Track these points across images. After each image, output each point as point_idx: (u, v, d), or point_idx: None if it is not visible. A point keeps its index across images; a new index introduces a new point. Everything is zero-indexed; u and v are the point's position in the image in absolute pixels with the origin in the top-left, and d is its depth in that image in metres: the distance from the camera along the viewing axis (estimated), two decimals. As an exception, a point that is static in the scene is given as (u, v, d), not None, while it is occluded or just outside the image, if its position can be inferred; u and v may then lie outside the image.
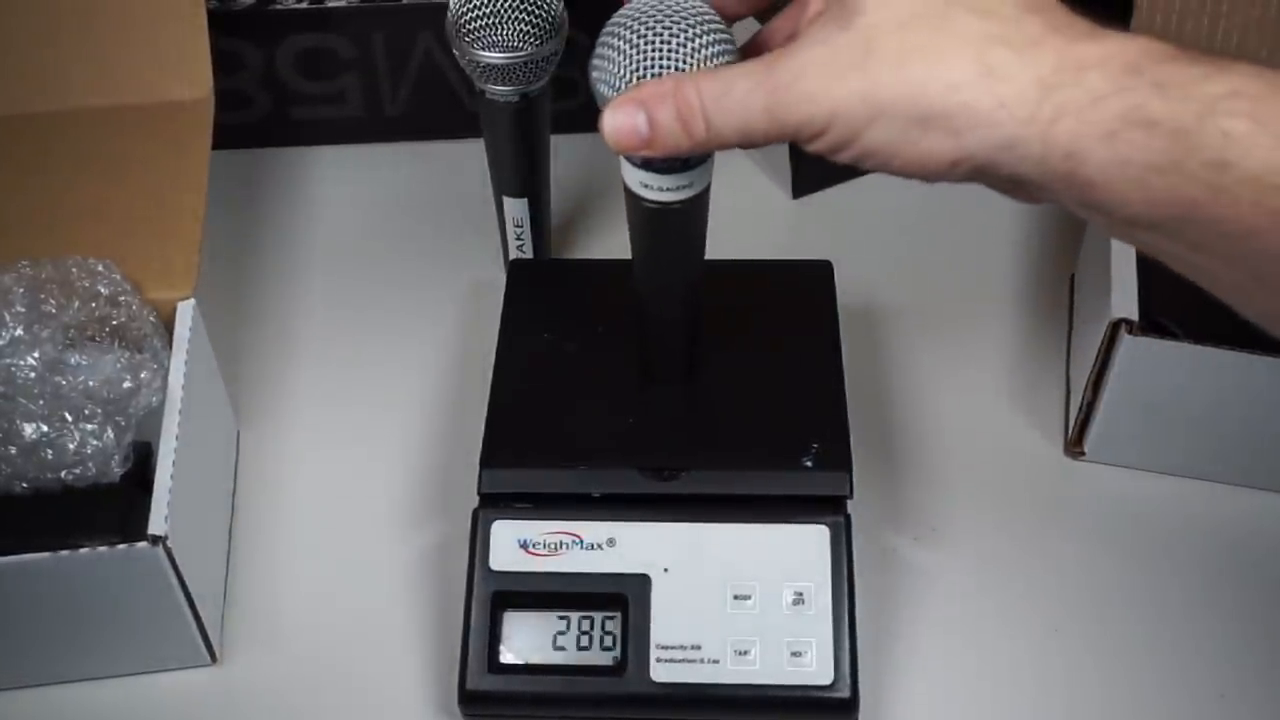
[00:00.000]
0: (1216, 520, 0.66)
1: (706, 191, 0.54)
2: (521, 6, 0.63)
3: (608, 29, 0.49)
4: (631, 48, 0.48)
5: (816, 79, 0.44)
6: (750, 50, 0.52)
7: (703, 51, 0.48)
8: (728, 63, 0.48)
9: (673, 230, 0.55)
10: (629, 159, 0.52)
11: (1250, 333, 0.61)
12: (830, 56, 0.44)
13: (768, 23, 0.53)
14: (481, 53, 0.63)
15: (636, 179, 0.52)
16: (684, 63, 0.48)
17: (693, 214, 0.54)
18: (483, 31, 0.63)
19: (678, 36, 0.48)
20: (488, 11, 0.62)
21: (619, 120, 0.46)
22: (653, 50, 0.48)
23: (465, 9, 0.63)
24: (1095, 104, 0.40)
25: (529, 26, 0.63)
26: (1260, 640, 0.62)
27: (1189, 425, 0.65)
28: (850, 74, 0.43)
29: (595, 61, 0.49)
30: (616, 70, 0.49)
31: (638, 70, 0.48)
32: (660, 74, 0.48)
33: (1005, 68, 0.41)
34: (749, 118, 0.45)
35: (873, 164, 0.45)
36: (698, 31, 0.48)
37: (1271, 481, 0.67)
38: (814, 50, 0.44)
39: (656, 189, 0.52)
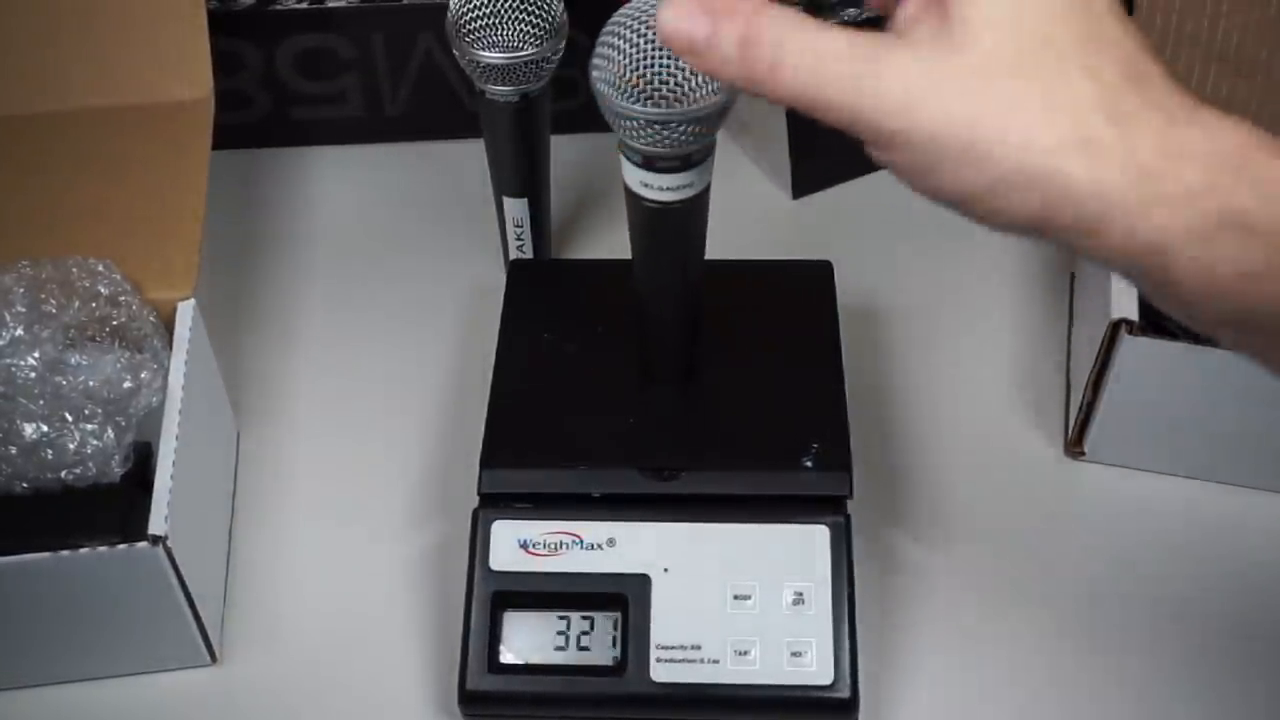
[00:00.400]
0: (1216, 520, 0.66)
1: (706, 191, 0.54)
2: (522, 7, 0.63)
3: (608, 28, 0.49)
4: (631, 47, 0.48)
5: (915, 91, 0.39)
6: None
7: None
8: None
9: (672, 230, 0.55)
10: (629, 158, 0.52)
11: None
12: (935, 75, 0.39)
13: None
14: (482, 53, 0.63)
15: (637, 178, 0.52)
16: (684, 62, 0.47)
17: (692, 214, 0.54)
18: (483, 32, 0.63)
19: None
20: (488, 12, 0.63)
21: (679, 20, 0.41)
22: (653, 49, 0.48)
23: (465, 9, 0.63)
24: (1191, 201, 0.38)
25: (529, 27, 0.63)
26: (1260, 640, 0.62)
27: (1189, 425, 0.65)
28: (953, 104, 0.39)
29: (596, 60, 0.49)
30: (617, 70, 0.49)
31: (638, 69, 0.48)
32: (660, 73, 0.48)
33: (1103, 141, 0.38)
34: (829, 84, 0.40)
35: (938, 201, 0.41)
36: None
37: (1271, 481, 0.67)
38: (919, 60, 0.40)
39: (657, 188, 0.52)
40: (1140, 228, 0.38)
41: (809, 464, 0.60)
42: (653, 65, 0.48)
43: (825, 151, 0.80)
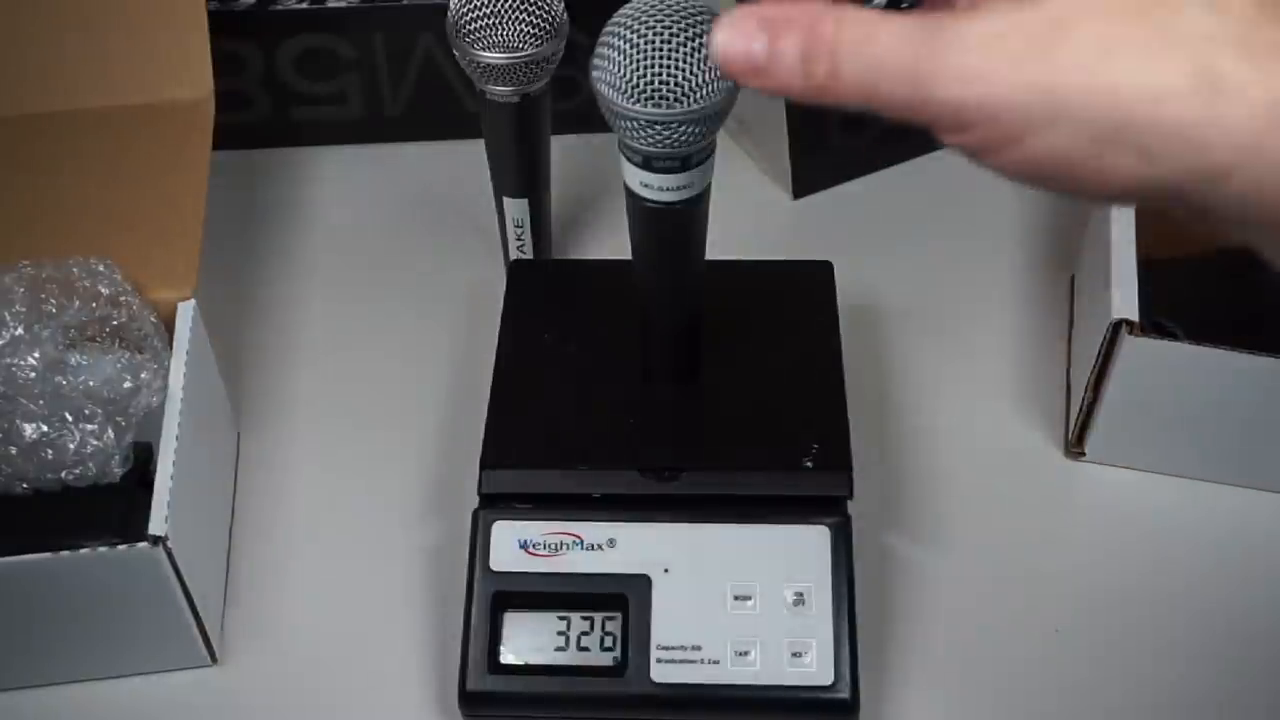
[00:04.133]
0: (1216, 520, 0.66)
1: (707, 192, 0.54)
2: (522, 7, 0.63)
3: (609, 28, 0.49)
4: (632, 47, 0.48)
5: (985, 57, 0.35)
6: None
7: (705, 50, 0.48)
8: None
9: (672, 230, 0.55)
10: (629, 159, 0.52)
11: (1250, 333, 0.62)
12: (1006, 35, 0.35)
13: None
14: (482, 53, 0.63)
15: (637, 178, 0.52)
16: (684, 62, 0.48)
17: (693, 214, 0.54)
18: (483, 32, 0.63)
19: (678, 36, 0.48)
20: (488, 12, 0.62)
21: (733, 39, 0.38)
22: (653, 50, 0.48)
23: (465, 9, 0.63)
24: None
25: (529, 27, 0.63)
26: (1260, 640, 0.62)
27: (1189, 425, 0.65)
28: (1030, 61, 0.35)
29: (596, 61, 0.49)
30: (618, 70, 0.48)
31: (638, 70, 0.48)
32: (660, 74, 0.48)
33: (1234, 78, 0.34)
34: (886, 76, 0.37)
35: (1025, 176, 0.37)
36: (700, 30, 0.48)
37: (1271, 481, 0.67)
38: (986, 22, 0.35)
39: (657, 189, 0.52)
40: (1272, 178, 0.34)
41: (809, 464, 0.60)
42: (653, 66, 0.48)
43: (825, 151, 0.80)
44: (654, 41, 0.48)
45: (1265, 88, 0.33)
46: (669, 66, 0.48)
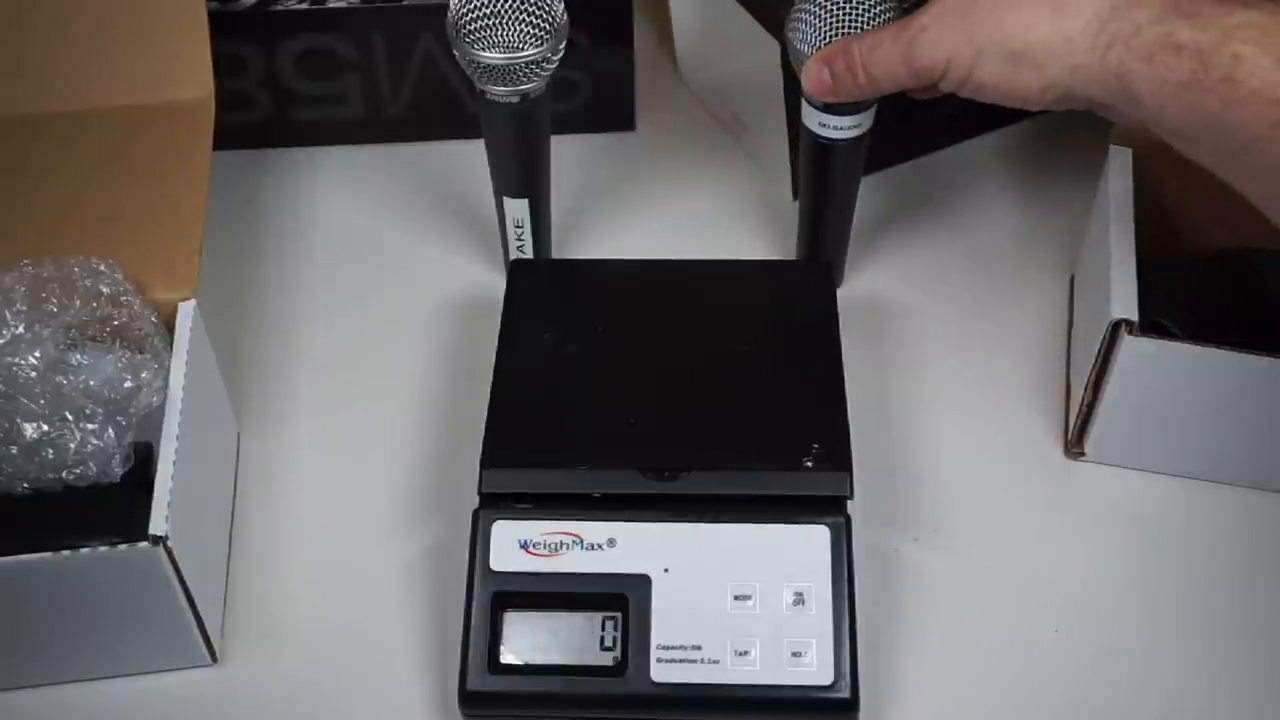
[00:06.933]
0: (1216, 520, 0.66)
1: (868, 134, 0.67)
2: (522, 7, 0.63)
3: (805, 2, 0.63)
4: (825, 12, 0.63)
5: (935, 30, 0.56)
6: None
7: (871, 14, 0.62)
8: (887, 21, 0.62)
9: (841, 161, 0.68)
10: (811, 104, 0.66)
11: (1250, 333, 0.62)
12: (944, 11, 0.56)
13: None
14: (482, 53, 0.63)
15: (816, 120, 0.66)
16: (857, 25, 0.62)
17: (858, 149, 0.68)
18: (483, 32, 0.63)
19: (858, 6, 0.62)
20: (488, 12, 0.63)
21: (812, 73, 0.62)
22: (834, 19, 0.63)
23: (465, 10, 0.63)
24: (1138, 32, 0.50)
25: (529, 27, 0.63)
26: (1260, 640, 0.62)
27: (1189, 425, 0.65)
28: (958, 25, 0.55)
29: (793, 24, 0.64)
30: (812, 32, 0.63)
31: (830, 30, 0.63)
32: (841, 35, 0.63)
33: (1071, 6, 0.52)
34: (892, 65, 0.58)
35: (986, 96, 0.56)
36: (879, 9, 0.62)
37: (1271, 481, 0.67)
38: (933, 7, 0.56)
39: (833, 128, 0.66)
40: (1106, 60, 0.51)
41: (809, 464, 0.60)
42: (841, 27, 0.63)
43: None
44: (834, 12, 0.63)
45: (1088, 10, 0.52)
46: (849, 29, 0.62)
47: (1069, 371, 0.72)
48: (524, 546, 0.60)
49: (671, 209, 0.81)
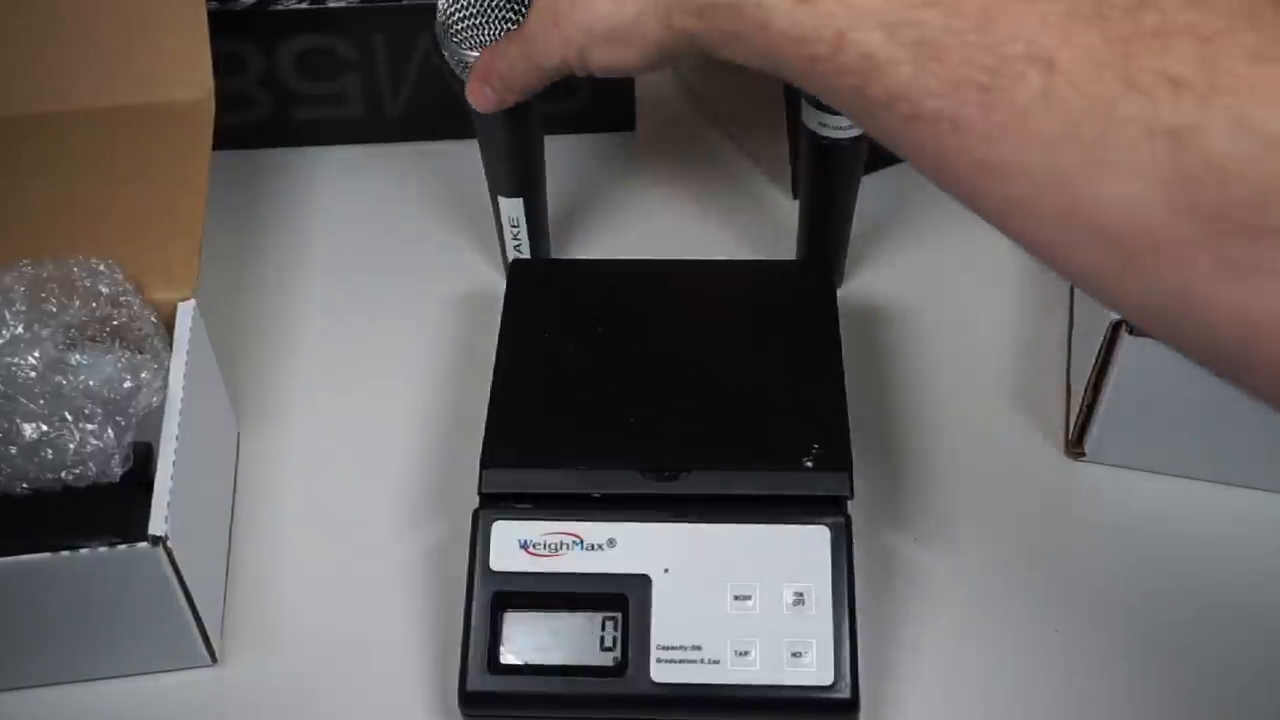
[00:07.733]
0: (1216, 520, 0.66)
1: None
2: (507, 5, 0.63)
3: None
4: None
5: (543, 38, 0.58)
6: None
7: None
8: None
9: (839, 162, 0.68)
10: (811, 104, 0.66)
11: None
12: (541, 18, 0.58)
13: None
14: (469, 53, 0.64)
15: (816, 120, 0.66)
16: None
17: (857, 149, 0.67)
18: (470, 31, 0.63)
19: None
20: (475, 11, 0.63)
21: (472, 89, 0.64)
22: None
23: (453, 9, 0.63)
24: None
25: (515, 26, 0.63)
26: (1260, 640, 0.62)
27: (1189, 425, 0.65)
28: (554, 30, 0.57)
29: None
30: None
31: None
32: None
33: None
34: (520, 70, 0.60)
35: (612, 74, 0.57)
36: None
37: (1271, 481, 0.67)
38: (533, 14, 0.58)
39: (833, 128, 0.66)
40: (675, 23, 0.52)
41: (809, 464, 0.60)
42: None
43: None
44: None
45: None
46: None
47: (1069, 372, 0.72)
48: (524, 546, 0.60)
49: (671, 209, 0.81)
